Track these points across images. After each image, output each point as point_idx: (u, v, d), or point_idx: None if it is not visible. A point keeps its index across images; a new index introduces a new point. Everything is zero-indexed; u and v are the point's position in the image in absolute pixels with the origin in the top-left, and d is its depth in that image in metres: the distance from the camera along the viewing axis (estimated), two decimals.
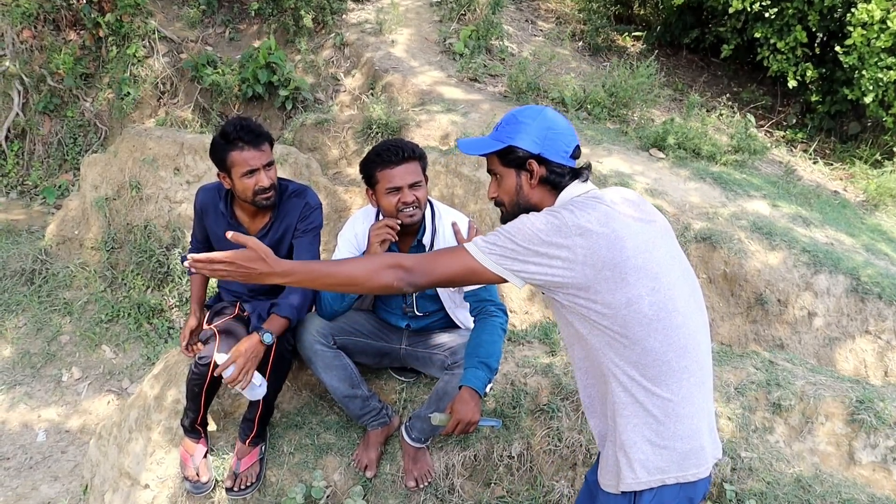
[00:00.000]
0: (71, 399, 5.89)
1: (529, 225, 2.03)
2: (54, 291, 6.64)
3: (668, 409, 2.06)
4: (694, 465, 2.11)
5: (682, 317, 2.06)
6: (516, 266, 2.04)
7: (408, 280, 2.08)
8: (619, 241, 2.00)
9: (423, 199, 3.08)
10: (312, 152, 7.32)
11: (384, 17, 8.70)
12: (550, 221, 2.02)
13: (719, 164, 6.77)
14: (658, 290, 2.02)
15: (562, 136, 2.17)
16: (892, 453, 3.38)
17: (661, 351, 2.03)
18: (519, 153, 2.17)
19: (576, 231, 1.99)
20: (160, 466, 3.51)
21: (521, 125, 2.17)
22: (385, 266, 2.09)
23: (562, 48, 9.44)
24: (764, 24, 8.20)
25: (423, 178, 3.09)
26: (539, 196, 2.20)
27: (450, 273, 2.10)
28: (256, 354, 2.99)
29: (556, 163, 2.17)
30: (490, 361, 2.93)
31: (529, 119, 2.18)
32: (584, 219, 2.01)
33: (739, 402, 3.58)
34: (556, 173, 2.17)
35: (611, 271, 1.98)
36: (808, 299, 5.29)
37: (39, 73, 8.61)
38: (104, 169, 6.73)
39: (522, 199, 2.22)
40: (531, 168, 2.17)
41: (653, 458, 2.09)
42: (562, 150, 2.17)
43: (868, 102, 7.49)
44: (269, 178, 3.11)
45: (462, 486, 3.37)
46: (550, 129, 2.17)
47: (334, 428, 3.53)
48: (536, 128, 2.16)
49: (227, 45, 9.12)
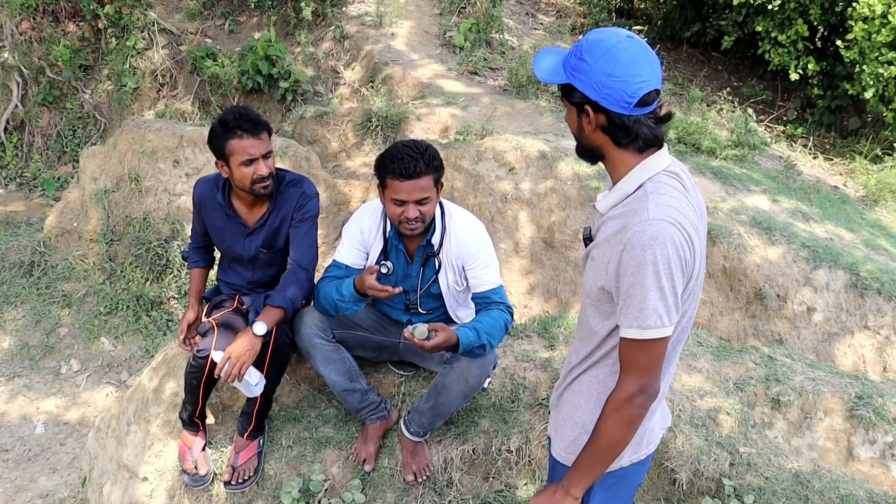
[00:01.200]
0: (70, 391, 5.89)
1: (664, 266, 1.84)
2: (53, 283, 6.63)
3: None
4: (645, 445, 2.19)
5: (687, 320, 2.05)
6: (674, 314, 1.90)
7: (650, 396, 1.96)
8: (700, 251, 1.93)
9: (428, 213, 2.99)
10: (312, 145, 7.31)
11: (384, 9, 8.68)
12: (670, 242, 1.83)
13: (719, 159, 6.76)
14: (686, 313, 2.01)
15: (625, 84, 1.86)
16: (890, 449, 3.38)
17: (671, 357, 2.07)
18: (576, 94, 1.94)
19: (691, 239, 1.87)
20: (159, 459, 3.51)
21: (583, 64, 1.90)
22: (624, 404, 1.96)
23: (562, 41, 9.43)
24: (765, 17, 8.18)
25: (436, 188, 2.99)
26: (601, 142, 1.98)
27: (654, 360, 1.94)
28: (251, 350, 2.98)
29: (616, 113, 1.90)
30: (482, 334, 2.84)
31: (593, 58, 1.88)
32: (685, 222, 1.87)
33: (738, 398, 3.58)
34: (617, 125, 1.92)
35: (695, 282, 1.95)
36: (808, 294, 5.29)
37: (38, 65, 8.59)
38: (103, 161, 6.72)
39: (585, 140, 2.02)
40: (588, 113, 1.93)
41: None
42: (623, 99, 1.87)
43: (868, 97, 7.47)
44: (267, 167, 3.10)
45: (460, 479, 3.37)
46: (611, 76, 1.85)
47: (333, 421, 3.53)
48: (597, 71, 1.87)
49: (226, 38, 9.10)
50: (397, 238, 3.16)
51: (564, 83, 1.96)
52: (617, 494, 2.25)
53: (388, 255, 3.20)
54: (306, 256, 3.25)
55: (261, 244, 3.33)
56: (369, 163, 6.98)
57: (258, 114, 3.14)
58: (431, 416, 3.23)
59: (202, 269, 3.59)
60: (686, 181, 1.99)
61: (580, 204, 5.64)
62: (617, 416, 1.95)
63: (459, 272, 3.15)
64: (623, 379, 1.95)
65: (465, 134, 6.48)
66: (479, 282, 3.11)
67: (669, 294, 1.85)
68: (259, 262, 3.40)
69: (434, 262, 3.17)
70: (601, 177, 5.75)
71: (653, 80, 1.88)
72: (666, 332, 1.88)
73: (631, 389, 1.93)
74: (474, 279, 3.12)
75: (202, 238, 3.52)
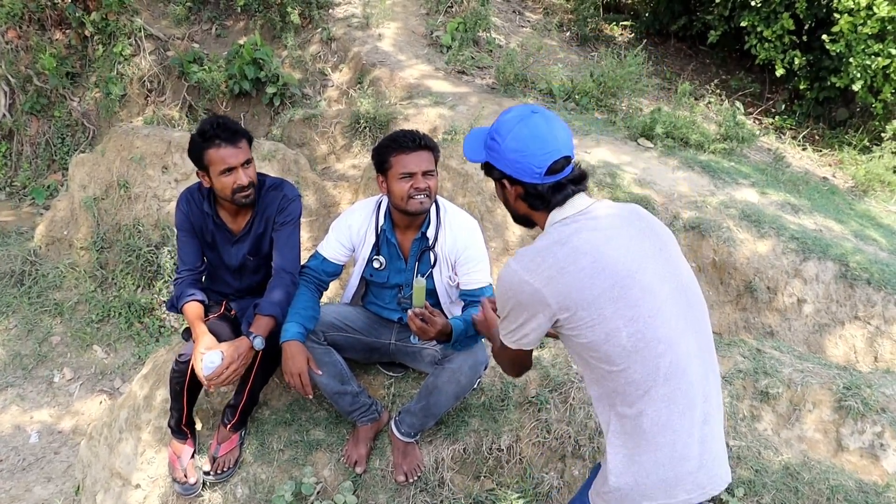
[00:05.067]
0: (63, 400, 5.88)
1: (503, 298, 2.12)
2: (45, 292, 6.62)
3: (650, 437, 2.04)
4: (684, 492, 2.07)
5: (665, 345, 2.01)
6: (520, 339, 2.14)
7: None
8: (590, 278, 1.98)
9: (434, 188, 3.05)
10: (301, 148, 7.31)
11: (371, 10, 8.68)
12: (511, 285, 2.06)
13: (708, 153, 6.78)
14: (636, 318, 1.98)
15: (531, 157, 2.05)
16: (878, 439, 3.39)
17: (641, 381, 2.00)
18: (494, 171, 2.16)
19: (539, 282, 2.01)
20: (150, 466, 3.52)
21: (494, 144, 2.12)
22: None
23: (549, 39, 9.44)
24: (751, 12, 8.19)
25: (435, 170, 3.07)
26: (525, 209, 2.18)
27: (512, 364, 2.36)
28: (247, 363, 3.02)
29: (531, 183, 2.09)
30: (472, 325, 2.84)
31: (501, 138, 2.09)
32: (544, 264, 2.01)
33: (727, 391, 3.59)
34: (532, 195, 2.11)
35: (585, 311, 1.98)
36: (798, 286, 5.30)
37: (25, 74, 8.57)
38: (92, 168, 6.71)
39: (512, 209, 2.23)
40: (506, 186, 2.15)
41: (634, 485, 2.07)
42: (531, 171, 2.07)
43: (857, 89, 7.49)
44: (247, 176, 3.09)
45: (452, 479, 3.37)
46: (518, 152, 2.06)
47: (323, 424, 3.53)
48: (506, 149, 2.08)
49: (213, 42, 9.08)
50: (391, 232, 3.18)
51: (484, 161, 2.18)
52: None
53: (380, 249, 3.22)
54: (289, 260, 3.24)
55: (247, 251, 3.33)
56: (358, 165, 6.98)
57: (236, 123, 3.12)
58: (423, 417, 3.24)
59: (199, 303, 3.26)
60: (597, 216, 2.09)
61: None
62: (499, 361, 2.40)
63: (452, 267, 3.17)
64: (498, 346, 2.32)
65: (454, 133, 6.48)
66: (469, 279, 3.13)
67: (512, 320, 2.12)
68: (246, 270, 3.40)
69: (429, 257, 3.18)
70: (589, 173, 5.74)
71: (560, 149, 2.06)
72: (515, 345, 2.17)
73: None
74: (465, 275, 3.13)
75: (195, 264, 3.35)
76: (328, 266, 3.25)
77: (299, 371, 3.02)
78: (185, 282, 3.29)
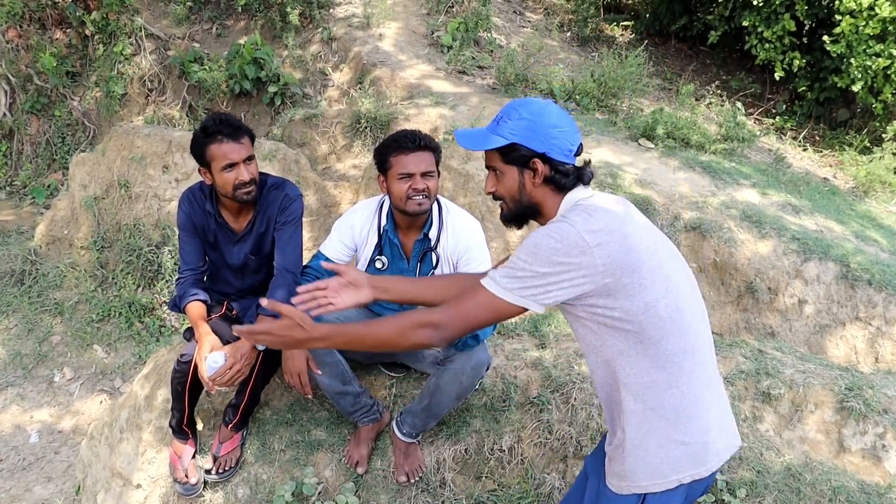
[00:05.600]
0: (63, 399, 5.87)
1: (545, 247, 1.96)
2: (45, 292, 6.62)
3: (679, 410, 2.05)
4: (706, 461, 2.10)
5: (690, 316, 2.05)
6: (539, 293, 1.98)
7: (438, 336, 2.06)
8: (633, 245, 1.96)
9: (433, 189, 3.04)
10: (301, 148, 7.31)
11: (371, 10, 8.68)
12: (565, 237, 1.95)
13: (708, 153, 6.78)
14: (671, 290, 2.00)
15: (566, 135, 2.08)
16: (880, 440, 3.39)
17: (673, 353, 2.01)
18: (522, 151, 2.08)
19: (592, 242, 1.93)
20: (151, 466, 3.51)
21: (525, 122, 2.07)
22: (416, 325, 2.06)
23: (550, 39, 9.44)
24: (752, 12, 8.19)
25: (437, 171, 3.05)
26: (542, 195, 2.13)
27: (479, 320, 2.06)
28: (251, 363, 3.03)
29: (561, 161, 2.08)
30: None
31: (534, 115, 2.07)
32: (596, 226, 1.96)
33: (728, 392, 3.59)
34: (561, 172, 2.09)
35: (630, 277, 1.94)
36: (799, 287, 5.30)
37: (26, 73, 8.57)
38: (93, 168, 6.71)
39: (525, 197, 2.14)
40: (535, 167, 2.08)
41: (666, 460, 2.08)
42: (566, 148, 2.08)
43: (858, 90, 7.49)
44: (248, 173, 3.08)
45: (453, 480, 3.37)
46: (555, 127, 2.07)
47: (325, 424, 3.53)
48: (541, 125, 2.06)
49: (214, 42, 9.08)
50: (393, 232, 3.17)
51: (506, 146, 2.09)
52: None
53: (383, 250, 3.21)
54: (291, 259, 3.24)
55: (249, 251, 3.33)
56: (359, 165, 6.98)
57: (239, 119, 3.12)
58: (424, 417, 3.23)
59: (202, 303, 3.26)
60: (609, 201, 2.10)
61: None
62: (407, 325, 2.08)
63: (454, 268, 3.17)
64: (440, 309, 2.08)
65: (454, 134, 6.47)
66: None
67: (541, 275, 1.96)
68: (248, 269, 3.40)
69: (431, 258, 3.18)
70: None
71: (578, 135, 2.13)
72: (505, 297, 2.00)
73: (436, 318, 2.06)
74: None
75: (197, 264, 3.34)
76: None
77: (298, 371, 3.02)
78: (188, 281, 3.29)
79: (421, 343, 2.07)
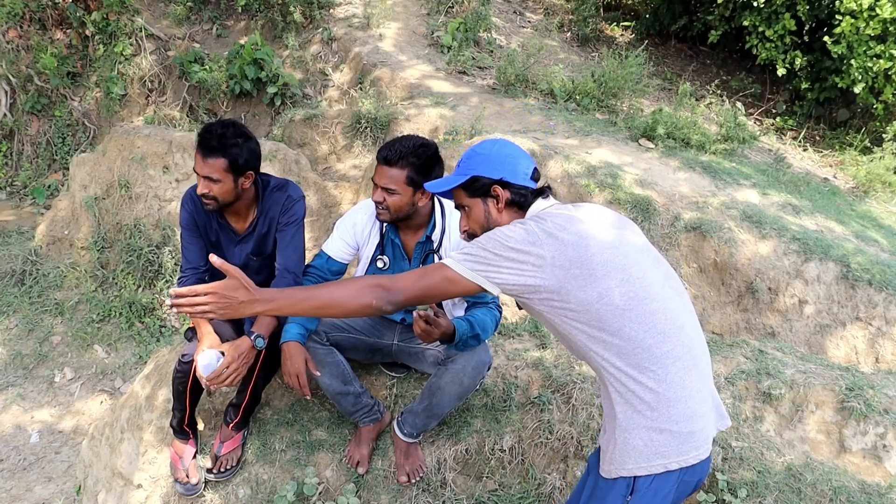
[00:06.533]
0: (64, 399, 5.87)
1: (500, 234, 2.12)
2: (45, 292, 6.62)
3: (658, 394, 2.09)
4: (693, 448, 2.14)
5: (658, 303, 2.10)
6: (491, 273, 2.11)
7: (388, 298, 2.12)
8: (583, 240, 2.08)
9: (392, 205, 3.01)
10: (302, 148, 7.31)
11: (371, 10, 8.68)
12: (519, 230, 2.12)
13: (709, 154, 6.78)
14: (628, 280, 2.08)
15: (520, 161, 2.31)
16: (881, 440, 3.39)
17: (640, 338, 2.07)
18: (483, 181, 2.28)
19: (543, 236, 2.08)
20: (152, 466, 3.51)
21: (481, 157, 2.31)
22: (365, 286, 2.13)
23: (550, 39, 9.44)
24: (752, 12, 8.19)
25: (408, 187, 2.99)
26: (508, 219, 2.29)
27: (428, 286, 2.16)
28: (249, 363, 3.02)
29: (519, 185, 2.28)
30: (476, 325, 2.90)
31: (486, 150, 2.32)
32: (549, 225, 2.11)
33: (729, 392, 3.59)
34: (521, 194, 2.28)
35: (579, 269, 2.06)
36: (799, 287, 5.30)
37: (26, 73, 8.56)
38: (93, 168, 6.71)
39: (493, 224, 2.30)
40: (496, 193, 2.28)
41: (650, 444, 2.12)
42: (522, 172, 2.29)
43: (858, 91, 7.49)
44: (204, 187, 3.06)
45: (454, 480, 3.37)
46: (509, 156, 2.31)
47: (326, 424, 3.52)
48: (496, 155, 2.31)
49: (214, 42, 9.08)
50: (394, 232, 3.18)
51: (467, 180, 2.29)
52: None
53: (384, 249, 3.22)
54: (293, 260, 3.24)
55: (251, 251, 3.33)
56: (359, 165, 6.98)
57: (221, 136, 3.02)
58: (425, 418, 3.23)
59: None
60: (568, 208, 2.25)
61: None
62: (360, 287, 2.13)
63: None
64: (399, 279, 2.16)
65: (455, 134, 6.48)
66: None
67: (494, 255, 2.09)
68: (249, 270, 3.39)
69: (434, 259, 3.18)
70: (590, 174, 5.75)
71: (532, 162, 2.36)
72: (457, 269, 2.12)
73: (388, 281, 2.14)
74: None
75: (199, 263, 3.33)
76: (333, 265, 3.25)
77: (297, 372, 3.02)
78: (190, 281, 3.28)
79: (369, 304, 2.11)
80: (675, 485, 2.17)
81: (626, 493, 2.18)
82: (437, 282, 2.15)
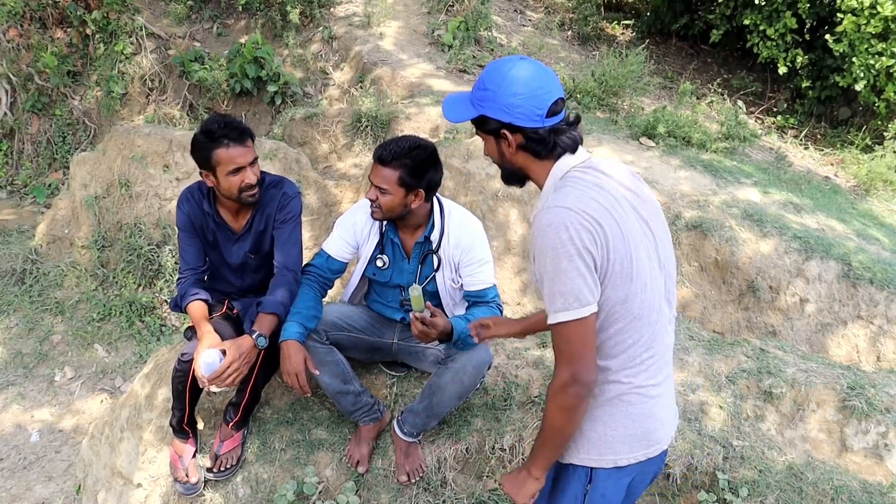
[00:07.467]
0: (64, 399, 5.87)
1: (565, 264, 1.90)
2: (45, 291, 6.62)
3: (625, 396, 2.08)
4: (646, 446, 2.14)
5: (657, 314, 2.07)
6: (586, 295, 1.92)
7: (583, 389, 1.97)
8: (626, 231, 1.96)
9: (383, 204, 3.00)
10: (302, 147, 7.30)
11: (372, 9, 8.67)
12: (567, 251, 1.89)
13: (710, 152, 6.77)
14: (648, 287, 2.01)
15: (531, 99, 1.99)
16: (883, 439, 3.38)
17: (630, 345, 2.04)
18: (490, 123, 2.05)
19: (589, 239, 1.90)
20: (152, 465, 3.50)
21: (488, 93, 2.02)
22: (561, 393, 1.99)
23: (551, 38, 9.43)
24: (753, 10, 8.18)
25: (401, 188, 2.97)
26: (522, 160, 2.10)
27: (577, 349, 1.95)
28: (250, 362, 3.01)
29: (531, 128, 2.01)
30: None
31: (494, 86, 2.01)
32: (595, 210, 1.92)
33: (730, 391, 3.58)
34: (534, 139, 2.03)
35: (621, 265, 1.94)
36: (800, 286, 5.29)
37: (27, 72, 8.57)
38: (93, 167, 6.70)
39: (507, 163, 2.13)
40: (506, 136, 2.05)
41: (603, 438, 2.11)
42: (533, 113, 1.99)
43: (860, 89, 7.48)
44: (254, 175, 3.08)
45: (454, 479, 3.36)
46: (516, 95, 1.98)
47: (325, 423, 3.52)
48: (502, 95, 2.00)
49: (214, 41, 9.08)
50: (393, 231, 3.17)
51: (477, 117, 2.08)
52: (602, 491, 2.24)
53: (384, 248, 3.21)
54: (291, 257, 3.23)
55: (248, 249, 3.32)
56: (360, 164, 6.98)
57: (240, 121, 3.10)
58: (425, 417, 3.22)
59: (203, 302, 3.22)
60: (606, 171, 2.06)
61: None
62: (554, 404, 2.01)
63: (455, 270, 3.16)
64: (556, 368, 2.00)
65: (455, 132, 6.47)
66: (473, 280, 3.13)
67: (575, 275, 1.90)
68: (248, 269, 3.39)
69: (433, 260, 3.17)
70: None
71: (555, 90, 2.02)
72: (576, 314, 1.91)
73: (563, 378, 1.97)
74: (469, 276, 3.13)
75: (197, 264, 3.33)
76: (333, 264, 3.25)
77: (296, 371, 3.01)
78: (189, 281, 3.28)
79: (577, 404, 1.99)
80: (634, 474, 2.20)
81: (585, 482, 2.18)
82: (577, 338, 1.95)
